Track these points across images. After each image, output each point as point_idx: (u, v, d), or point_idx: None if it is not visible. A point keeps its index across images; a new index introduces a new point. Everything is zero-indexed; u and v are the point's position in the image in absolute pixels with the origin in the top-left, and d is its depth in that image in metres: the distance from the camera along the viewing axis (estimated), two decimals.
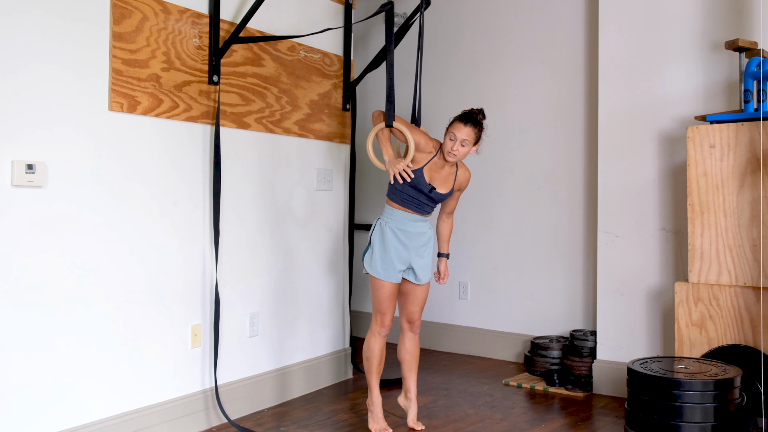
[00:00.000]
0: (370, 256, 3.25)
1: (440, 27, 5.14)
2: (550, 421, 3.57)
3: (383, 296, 3.25)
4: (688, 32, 3.84)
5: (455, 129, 3.11)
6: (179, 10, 3.19)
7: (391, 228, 3.22)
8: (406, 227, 3.23)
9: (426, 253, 3.30)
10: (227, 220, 3.48)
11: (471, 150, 3.16)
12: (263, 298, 3.72)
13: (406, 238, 3.23)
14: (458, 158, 3.13)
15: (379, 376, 3.36)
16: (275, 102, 3.75)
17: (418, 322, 3.41)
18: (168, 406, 3.17)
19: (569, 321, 4.61)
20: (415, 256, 3.26)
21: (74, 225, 2.80)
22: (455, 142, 3.10)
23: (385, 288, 3.25)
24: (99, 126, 2.89)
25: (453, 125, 3.14)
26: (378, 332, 3.30)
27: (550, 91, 4.71)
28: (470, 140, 3.11)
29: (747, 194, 3.25)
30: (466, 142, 3.10)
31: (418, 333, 3.44)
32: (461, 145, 3.10)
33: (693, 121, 3.77)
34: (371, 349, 3.32)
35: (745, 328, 3.20)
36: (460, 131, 3.10)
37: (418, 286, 3.33)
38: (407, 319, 3.39)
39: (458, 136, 3.10)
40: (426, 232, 3.30)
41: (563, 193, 4.65)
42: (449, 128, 3.15)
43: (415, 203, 3.22)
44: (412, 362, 3.42)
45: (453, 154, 3.11)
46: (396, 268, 3.23)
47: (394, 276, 3.23)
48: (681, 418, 2.71)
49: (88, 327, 2.85)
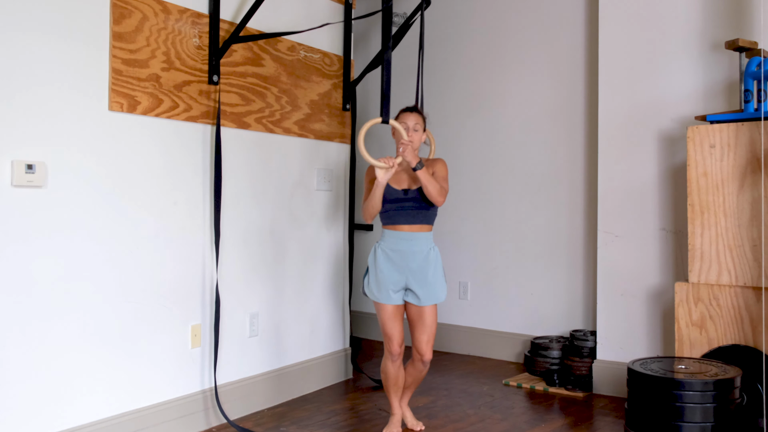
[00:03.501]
0: (368, 280, 3.27)
1: (440, 27, 5.13)
2: (550, 422, 3.57)
3: (384, 318, 3.23)
4: (688, 32, 3.84)
5: (404, 119, 3.24)
6: (179, 10, 3.19)
7: (383, 249, 3.21)
8: (398, 247, 3.18)
9: (426, 275, 3.18)
10: (227, 219, 3.48)
11: (422, 138, 3.26)
12: (263, 298, 3.72)
13: (399, 258, 3.17)
14: (415, 144, 3.18)
15: (397, 395, 3.34)
16: (275, 102, 3.75)
17: (428, 355, 3.23)
18: (168, 406, 3.17)
19: (569, 321, 4.61)
20: (413, 279, 3.17)
21: (74, 225, 2.80)
22: (408, 130, 3.21)
23: (384, 309, 3.22)
24: (99, 126, 2.89)
25: (400, 117, 3.25)
26: (390, 358, 3.27)
27: (550, 91, 4.70)
28: (420, 125, 3.24)
29: (747, 194, 3.25)
30: (417, 126, 3.22)
31: (428, 366, 3.31)
32: (414, 130, 3.21)
33: (693, 121, 3.77)
34: (385, 372, 3.31)
35: (745, 328, 3.20)
36: (409, 119, 3.23)
37: (422, 309, 3.21)
38: (417, 350, 3.26)
39: (410, 123, 3.22)
40: (422, 252, 3.18)
41: (563, 193, 4.65)
42: (397, 120, 3.22)
43: (403, 213, 3.18)
44: (412, 384, 3.39)
45: (409, 140, 3.17)
46: (389, 289, 3.19)
47: (389, 297, 3.20)
48: (681, 418, 2.71)
49: (88, 327, 2.85)
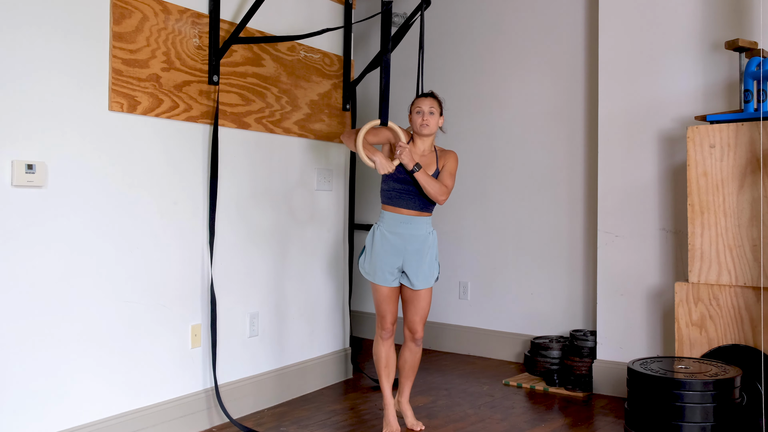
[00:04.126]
0: (364, 258, 3.30)
1: (440, 27, 5.13)
2: (550, 421, 3.57)
3: (378, 299, 3.28)
4: (688, 32, 3.84)
5: (420, 103, 3.24)
6: (179, 10, 3.19)
7: (381, 231, 3.24)
8: (397, 229, 3.22)
9: (422, 260, 3.23)
10: (227, 219, 3.48)
11: (439, 121, 3.26)
12: (263, 298, 3.72)
13: (397, 240, 3.21)
14: (431, 129, 3.21)
15: (389, 379, 3.37)
16: (275, 102, 3.75)
17: (419, 332, 3.34)
18: (168, 405, 3.17)
19: (569, 321, 4.61)
20: (408, 262, 3.22)
21: (74, 225, 2.80)
22: (423, 114, 3.21)
23: (379, 291, 3.27)
24: (99, 126, 2.89)
25: (416, 102, 3.26)
26: (381, 335, 3.32)
27: (550, 91, 4.70)
28: (436, 108, 3.24)
29: (747, 194, 3.25)
30: (433, 110, 3.23)
31: (420, 345, 3.38)
32: (430, 114, 3.21)
33: (693, 121, 3.77)
34: (377, 353, 3.36)
35: (745, 328, 3.20)
36: (424, 103, 3.24)
37: (416, 292, 3.28)
38: (408, 328, 3.35)
39: (424, 108, 3.22)
40: (421, 235, 3.24)
41: (563, 193, 4.65)
42: (413, 106, 3.25)
43: (406, 196, 3.22)
44: (409, 371, 3.42)
45: (426, 125, 3.21)
46: (386, 271, 3.22)
47: (385, 279, 3.23)
48: (681, 418, 2.71)
49: (87, 327, 2.85)
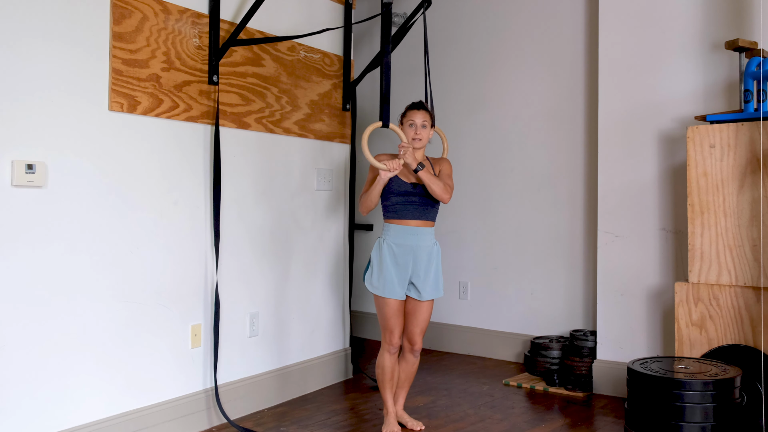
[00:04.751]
0: (371, 274, 3.27)
1: (440, 27, 5.13)
2: (550, 421, 3.57)
3: (387, 314, 3.24)
4: (688, 32, 3.84)
5: (412, 116, 3.27)
6: (179, 10, 3.19)
7: (388, 244, 3.23)
8: (404, 241, 3.22)
9: (429, 270, 3.25)
10: (227, 219, 3.48)
11: (430, 133, 3.29)
12: (263, 298, 3.72)
13: (404, 253, 3.21)
14: (423, 142, 3.25)
15: (392, 390, 3.36)
16: (275, 102, 3.75)
17: (418, 344, 3.34)
18: (168, 406, 3.17)
19: (569, 321, 4.61)
20: (417, 272, 3.23)
21: (74, 225, 2.80)
22: (416, 128, 3.24)
23: (389, 305, 3.23)
24: (99, 126, 2.89)
25: (408, 114, 3.28)
26: (388, 350, 3.30)
27: (550, 91, 4.70)
28: (428, 121, 3.28)
29: (747, 194, 3.25)
30: (426, 123, 3.26)
31: (418, 356, 3.39)
32: (422, 127, 3.25)
33: (693, 121, 3.77)
34: (382, 366, 3.33)
35: (745, 328, 3.20)
36: (416, 116, 3.26)
37: (421, 303, 3.27)
38: (408, 339, 3.33)
39: (417, 121, 3.25)
40: (427, 246, 3.25)
41: (563, 193, 4.65)
42: (404, 119, 3.28)
43: (410, 207, 3.23)
44: (405, 381, 3.42)
45: (418, 138, 3.24)
46: (395, 284, 3.21)
47: (394, 291, 3.22)
48: (681, 418, 2.71)
49: (88, 327, 2.85)
